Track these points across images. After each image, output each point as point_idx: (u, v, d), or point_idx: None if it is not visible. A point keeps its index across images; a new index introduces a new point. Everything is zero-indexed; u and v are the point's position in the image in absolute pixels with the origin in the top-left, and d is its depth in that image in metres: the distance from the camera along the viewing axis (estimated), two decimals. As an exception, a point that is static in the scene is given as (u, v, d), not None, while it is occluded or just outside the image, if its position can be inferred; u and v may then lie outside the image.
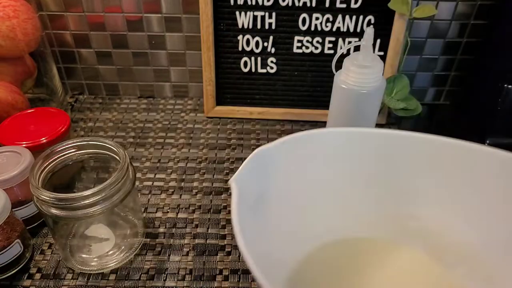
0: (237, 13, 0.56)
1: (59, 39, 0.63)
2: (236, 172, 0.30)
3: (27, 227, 0.43)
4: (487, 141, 0.59)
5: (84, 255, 0.43)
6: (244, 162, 0.31)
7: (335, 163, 0.38)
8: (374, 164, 0.38)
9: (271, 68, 0.60)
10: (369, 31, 0.41)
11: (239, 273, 0.41)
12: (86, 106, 0.66)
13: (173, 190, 0.51)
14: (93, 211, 0.36)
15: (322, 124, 0.61)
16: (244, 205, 0.29)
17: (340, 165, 0.38)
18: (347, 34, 0.57)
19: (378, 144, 0.37)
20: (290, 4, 0.55)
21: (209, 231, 0.46)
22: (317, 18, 0.56)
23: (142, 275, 0.41)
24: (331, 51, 0.58)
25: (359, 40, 0.43)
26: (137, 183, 0.51)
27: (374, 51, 0.57)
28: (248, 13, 0.56)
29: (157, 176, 0.53)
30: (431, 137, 0.36)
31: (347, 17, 0.56)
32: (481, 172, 0.35)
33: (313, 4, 0.55)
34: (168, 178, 0.52)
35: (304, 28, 0.57)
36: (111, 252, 0.43)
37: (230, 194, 0.50)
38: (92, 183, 0.47)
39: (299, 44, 0.58)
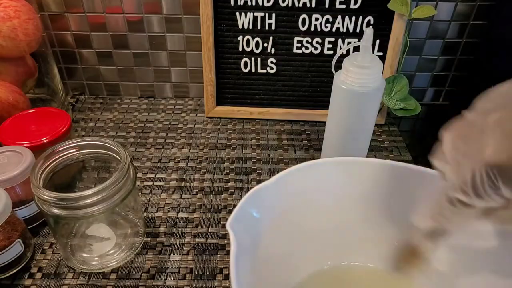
0: (237, 13, 0.56)
1: (60, 39, 0.63)
2: (232, 215, 0.30)
3: (28, 227, 0.43)
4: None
5: (85, 255, 0.43)
6: (239, 203, 0.31)
7: (333, 192, 0.37)
8: (370, 193, 0.37)
9: (271, 68, 0.60)
10: (369, 32, 0.41)
11: (239, 272, 0.42)
12: (87, 106, 0.66)
13: (173, 189, 0.51)
14: (94, 210, 0.37)
15: (322, 124, 0.61)
16: (240, 249, 0.28)
17: (337, 195, 0.37)
18: (347, 34, 0.57)
19: (373, 173, 0.36)
20: (290, 4, 0.55)
21: (209, 231, 0.46)
22: (316, 19, 0.56)
23: (142, 274, 0.41)
24: (331, 52, 0.58)
25: (359, 41, 0.43)
26: (137, 182, 0.51)
27: (373, 52, 0.58)
28: (248, 13, 0.56)
29: (158, 175, 0.53)
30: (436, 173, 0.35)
31: (346, 17, 0.56)
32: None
33: (313, 5, 0.55)
34: (169, 177, 0.53)
35: (303, 29, 0.57)
36: (112, 251, 0.43)
37: (230, 194, 0.50)
38: (93, 183, 0.47)
39: (299, 45, 0.58)
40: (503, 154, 0.22)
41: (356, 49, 0.52)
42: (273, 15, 0.56)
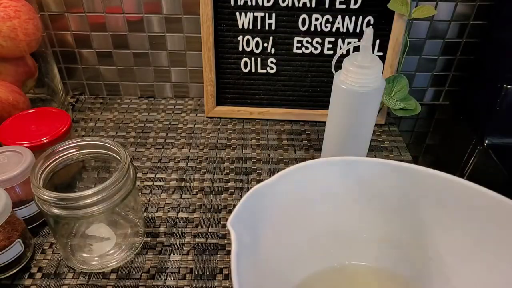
0: (237, 13, 0.56)
1: (60, 39, 0.63)
2: (233, 213, 0.30)
3: (28, 227, 0.43)
4: (486, 141, 0.59)
5: (85, 255, 0.43)
6: (240, 202, 0.31)
7: (333, 192, 0.37)
8: (370, 193, 0.37)
9: (271, 68, 0.60)
10: (369, 32, 0.41)
11: (239, 272, 0.42)
12: (87, 106, 0.66)
13: (173, 189, 0.51)
14: (94, 210, 0.37)
15: (322, 124, 0.61)
16: (241, 248, 0.28)
17: (338, 194, 0.37)
18: (347, 34, 0.57)
19: (374, 173, 0.36)
20: (290, 4, 0.55)
21: (209, 231, 0.46)
22: (316, 19, 0.56)
23: (142, 274, 0.41)
24: (331, 52, 0.58)
25: (359, 41, 0.43)
26: (137, 182, 0.51)
27: (373, 52, 0.58)
28: (248, 13, 0.56)
29: (158, 175, 0.53)
30: (437, 173, 0.35)
31: (346, 17, 0.56)
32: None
33: (313, 5, 0.55)
34: (169, 177, 0.53)
35: (303, 29, 0.57)
36: (112, 251, 0.43)
37: (230, 194, 0.50)
38: (93, 183, 0.47)
39: (299, 45, 0.58)
40: None
41: (356, 49, 0.52)
42: (273, 15, 0.56)
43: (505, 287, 0.33)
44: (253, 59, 0.60)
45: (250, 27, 0.57)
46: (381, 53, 0.58)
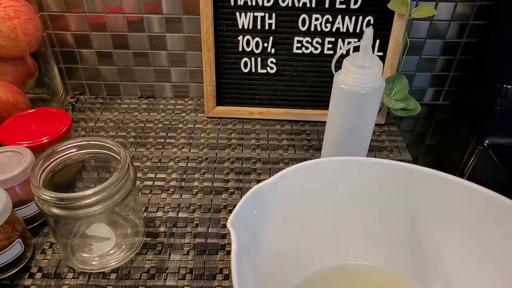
0: (237, 13, 0.56)
1: (60, 39, 0.63)
2: (233, 213, 0.30)
3: (28, 227, 0.44)
4: (486, 141, 0.59)
5: (85, 255, 0.43)
6: (240, 202, 0.31)
7: (333, 192, 0.37)
8: (370, 192, 0.37)
9: (271, 68, 0.60)
10: (369, 32, 0.41)
11: (239, 272, 0.42)
12: (87, 106, 0.66)
13: (173, 189, 0.51)
14: (94, 210, 0.37)
15: (322, 124, 0.61)
16: (241, 248, 0.28)
17: (338, 194, 0.37)
18: (347, 34, 0.57)
19: (374, 173, 0.36)
20: (290, 4, 0.55)
21: (209, 231, 0.46)
22: (316, 19, 0.56)
23: (142, 274, 0.41)
24: (331, 52, 0.58)
25: (359, 41, 0.43)
26: (137, 182, 0.51)
27: (373, 52, 0.58)
28: (248, 13, 0.56)
29: (158, 175, 0.53)
30: (437, 173, 0.35)
31: (346, 17, 0.56)
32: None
33: (313, 5, 0.55)
34: (169, 177, 0.53)
35: (303, 29, 0.57)
36: (112, 251, 0.43)
37: (230, 194, 0.50)
38: (93, 183, 0.47)
39: (299, 45, 0.58)
40: None
41: (356, 49, 0.52)
42: (273, 15, 0.56)
43: (505, 286, 0.33)
44: (253, 59, 0.60)
45: (250, 27, 0.57)
46: (381, 53, 0.58)
